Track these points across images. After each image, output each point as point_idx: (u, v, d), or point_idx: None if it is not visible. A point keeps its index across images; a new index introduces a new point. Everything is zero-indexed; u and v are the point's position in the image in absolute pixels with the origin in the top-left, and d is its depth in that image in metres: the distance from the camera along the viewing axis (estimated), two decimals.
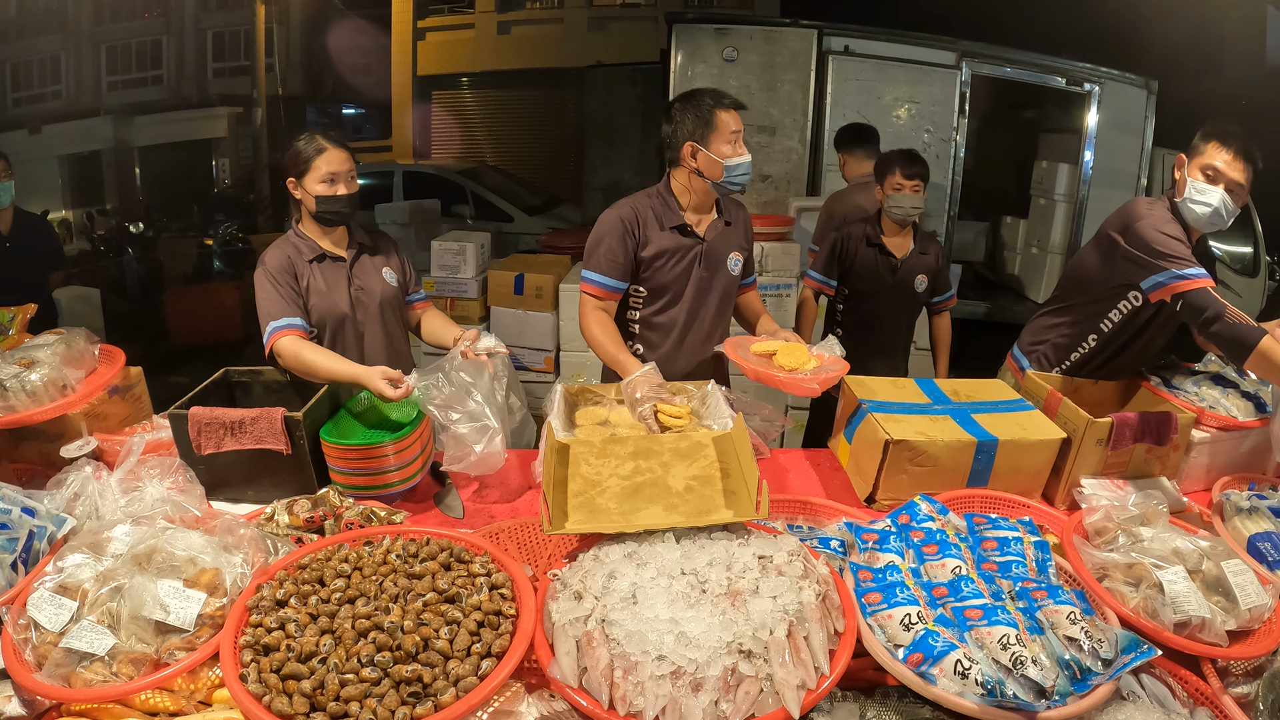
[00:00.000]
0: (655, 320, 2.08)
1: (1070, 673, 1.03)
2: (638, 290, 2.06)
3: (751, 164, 1.98)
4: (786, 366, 1.83)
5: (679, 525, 1.25)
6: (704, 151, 1.93)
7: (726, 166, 1.92)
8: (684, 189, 2.02)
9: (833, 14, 4.82)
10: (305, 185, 1.89)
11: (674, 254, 2.01)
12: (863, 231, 2.65)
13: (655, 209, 2.01)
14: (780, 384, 1.81)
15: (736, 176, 1.94)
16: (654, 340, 2.09)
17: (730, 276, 2.11)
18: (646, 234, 1.99)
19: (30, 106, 7.73)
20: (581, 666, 1.02)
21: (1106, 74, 4.92)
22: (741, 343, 1.99)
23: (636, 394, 1.79)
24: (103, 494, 1.39)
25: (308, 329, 1.90)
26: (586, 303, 2.02)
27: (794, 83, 4.69)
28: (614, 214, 2.00)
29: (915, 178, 2.53)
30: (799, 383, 1.78)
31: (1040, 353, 2.23)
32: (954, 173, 4.80)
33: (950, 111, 4.72)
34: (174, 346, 5.58)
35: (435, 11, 11.59)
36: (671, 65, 4.71)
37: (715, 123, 1.91)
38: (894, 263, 2.63)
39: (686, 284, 2.05)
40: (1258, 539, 1.40)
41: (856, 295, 2.70)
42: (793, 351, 1.87)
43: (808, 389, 1.78)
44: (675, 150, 1.98)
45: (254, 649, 1.04)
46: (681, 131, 1.95)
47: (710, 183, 1.96)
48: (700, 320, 2.10)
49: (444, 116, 11.88)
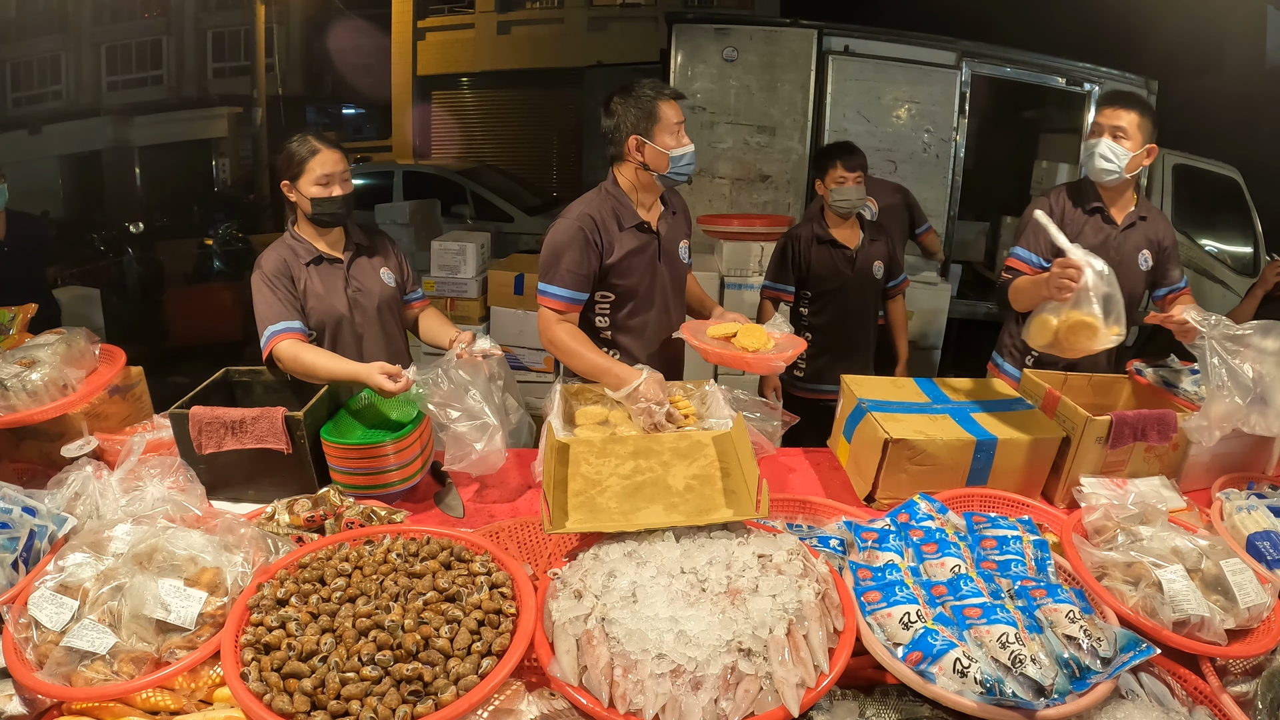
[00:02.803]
0: (630, 324, 2.04)
1: (1069, 671, 1.03)
2: (604, 296, 2.00)
3: (695, 154, 1.93)
4: (750, 347, 1.85)
5: (679, 524, 1.25)
6: (649, 144, 1.89)
7: (672, 158, 1.89)
8: (631, 185, 1.97)
9: (833, 14, 4.82)
10: (300, 187, 1.89)
11: (638, 253, 1.98)
12: (810, 232, 2.67)
13: (612, 209, 1.95)
14: (746, 364, 1.83)
15: (682, 167, 1.92)
16: (629, 344, 2.05)
17: (683, 265, 2.11)
18: (609, 238, 1.93)
19: (30, 106, 7.73)
20: (581, 665, 1.03)
21: (1106, 74, 4.92)
22: (696, 327, 1.98)
23: (646, 403, 1.75)
24: (103, 493, 1.39)
25: (306, 332, 1.89)
26: (547, 316, 1.93)
27: (794, 83, 4.69)
28: (570, 223, 1.91)
29: (856, 169, 2.55)
30: (765, 360, 1.80)
31: (1008, 349, 2.31)
32: (954, 173, 4.80)
33: (950, 111, 4.72)
34: (174, 346, 5.58)
35: (435, 11, 11.61)
36: (671, 65, 4.71)
37: (658, 114, 1.87)
38: (849, 254, 2.65)
39: (652, 282, 2.02)
40: (1257, 538, 1.40)
41: (821, 294, 2.70)
42: (752, 333, 1.90)
43: (774, 366, 1.83)
44: (619, 145, 1.93)
45: (255, 648, 1.04)
46: (625, 125, 1.90)
47: (656, 175, 1.93)
48: (669, 316, 2.09)
49: (444, 116, 11.89)
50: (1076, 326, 1.60)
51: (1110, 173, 2.04)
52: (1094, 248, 2.02)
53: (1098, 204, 2.14)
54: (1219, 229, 5.49)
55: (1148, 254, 2.15)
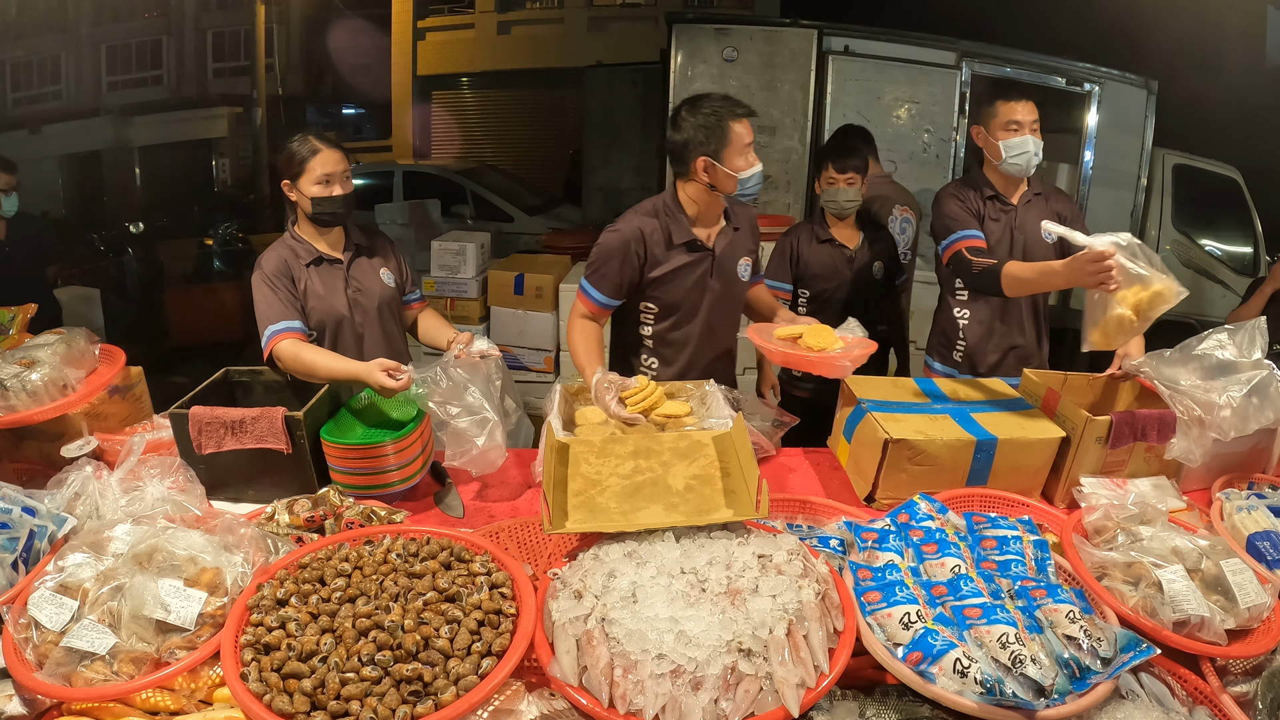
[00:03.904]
0: (670, 337, 2.05)
1: (1069, 671, 1.03)
2: (648, 308, 2.03)
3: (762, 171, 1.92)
4: (815, 347, 1.81)
5: (679, 524, 1.25)
6: (719, 167, 1.86)
7: (740, 180, 1.87)
8: (692, 201, 1.96)
9: (833, 14, 4.81)
10: (300, 187, 1.89)
11: (684, 270, 1.97)
12: (810, 231, 2.67)
13: (663, 226, 1.94)
14: (811, 365, 1.79)
15: (750, 188, 1.90)
16: (668, 356, 2.07)
17: (741, 284, 2.09)
18: (653, 253, 1.94)
19: (30, 106, 7.72)
20: (581, 665, 1.03)
21: (1106, 74, 4.92)
22: (764, 329, 1.97)
23: (601, 395, 1.74)
24: (103, 493, 1.39)
25: (306, 331, 1.90)
26: (577, 308, 2.01)
27: (794, 83, 4.69)
28: (618, 235, 1.93)
29: (848, 170, 2.55)
30: (830, 360, 1.76)
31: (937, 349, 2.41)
32: (954, 173, 4.80)
33: (950, 111, 4.72)
34: (174, 346, 5.58)
35: (435, 11, 11.60)
36: (671, 65, 4.72)
37: (729, 135, 1.84)
38: (848, 254, 2.64)
39: (699, 299, 2.01)
40: (1257, 538, 1.40)
41: (819, 294, 2.69)
42: (819, 333, 1.85)
43: (840, 368, 1.77)
44: (685, 164, 1.90)
45: (255, 648, 1.04)
46: (693, 144, 1.86)
47: (723, 195, 1.93)
48: (714, 332, 2.08)
49: (444, 116, 11.89)
50: (1153, 300, 1.60)
51: (1036, 165, 2.17)
52: (998, 230, 2.19)
53: (991, 191, 2.23)
54: (1219, 229, 5.49)
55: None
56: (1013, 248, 2.19)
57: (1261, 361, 1.63)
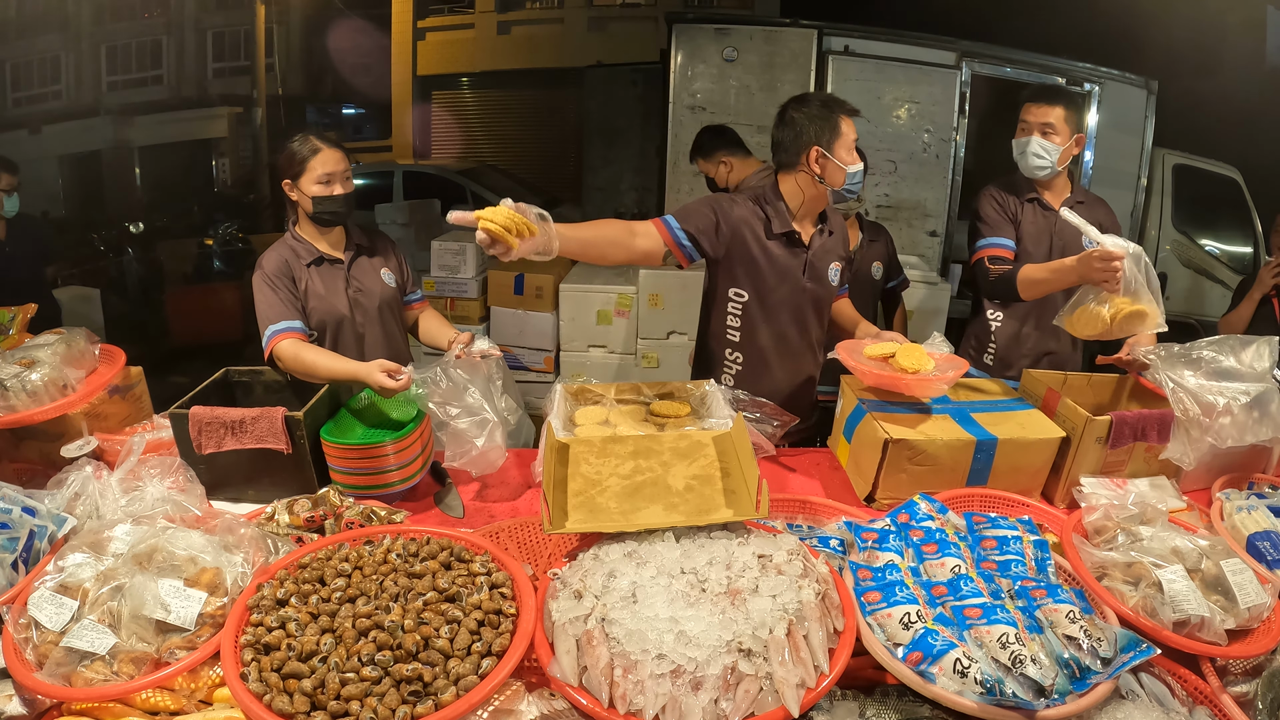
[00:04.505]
0: (757, 331, 2.02)
1: (1069, 671, 1.03)
2: (738, 294, 2.00)
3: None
4: (909, 368, 1.75)
5: (679, 524, 1.25)
6: (830, 159, 1.88)
7: (848, 174, 1.89)
8: (796, 194, 1.95)
9: (833, 14, 4.81)
10: (301, 186, 1.89)
11: (778, 261, 1.96)
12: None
13: (765, 214, 1.95)
14: (906, 386, 1.74)
15: (854, 184, 1.92)
16: (752, 354, 2.04)
17: (830, 287, 2.06)
18: (751, 234, 1.93)
19: (30, 106, 7.72)
20: (581, 665, 1.03)
21: (1106, 74, 4.92)
22: (853, 347, 1.91)
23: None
24: (103, 493, 1.39)
25: (307, 331, 1.90)
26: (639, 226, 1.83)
27: (794, 83, 4.68)
28: (730, 201, 1.95)
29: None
30: (926, 381, 1.71)
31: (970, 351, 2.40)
32: (954, 173, 4.80)
33: (950, 111, 4.72)
34: (174, 346, 5.58)
35: (435, 11, 11.59)
36: (671, 65, 4.71)
37: (839, 129, 1.88)
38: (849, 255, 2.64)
39: (791, 294, 2.00)
40: (1257, 538, 1.40)
41: None
42: (911, 353, 1.79)
43: (935, 389, 1.73)
44: (794, 154, 1.92)
45: (254, 648, 1.04)
46: (805, 136, 1.89)
47: (830, 189, 1.92)
48: (804, 332, 2.05)
49: (444, 116, 11.88)
50: (1132, 316, 1.65)
51: (1043, 168, 2.14)
52: (1036, 234, 2.15)
53: (1033, 194, 2.21)
54: (1219, 229, 5.49)
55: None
56: (1050, 252, 2.16)
57: (1269, 375, 1.63)
